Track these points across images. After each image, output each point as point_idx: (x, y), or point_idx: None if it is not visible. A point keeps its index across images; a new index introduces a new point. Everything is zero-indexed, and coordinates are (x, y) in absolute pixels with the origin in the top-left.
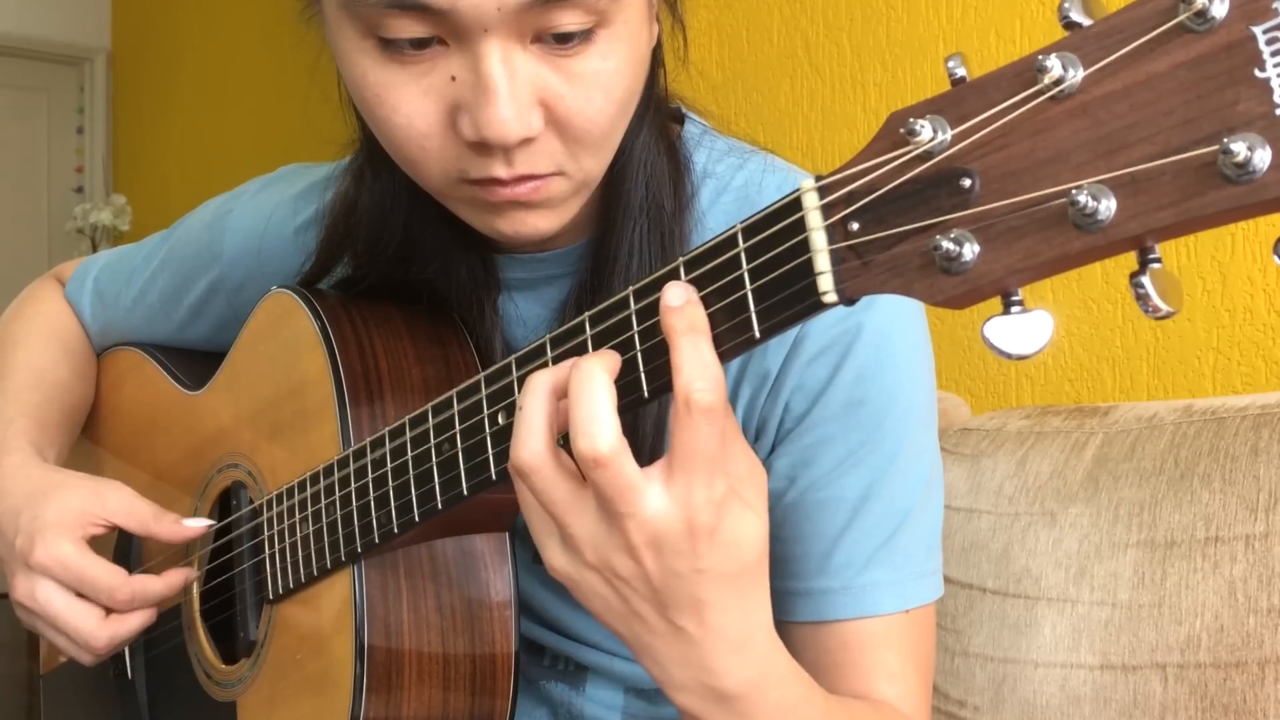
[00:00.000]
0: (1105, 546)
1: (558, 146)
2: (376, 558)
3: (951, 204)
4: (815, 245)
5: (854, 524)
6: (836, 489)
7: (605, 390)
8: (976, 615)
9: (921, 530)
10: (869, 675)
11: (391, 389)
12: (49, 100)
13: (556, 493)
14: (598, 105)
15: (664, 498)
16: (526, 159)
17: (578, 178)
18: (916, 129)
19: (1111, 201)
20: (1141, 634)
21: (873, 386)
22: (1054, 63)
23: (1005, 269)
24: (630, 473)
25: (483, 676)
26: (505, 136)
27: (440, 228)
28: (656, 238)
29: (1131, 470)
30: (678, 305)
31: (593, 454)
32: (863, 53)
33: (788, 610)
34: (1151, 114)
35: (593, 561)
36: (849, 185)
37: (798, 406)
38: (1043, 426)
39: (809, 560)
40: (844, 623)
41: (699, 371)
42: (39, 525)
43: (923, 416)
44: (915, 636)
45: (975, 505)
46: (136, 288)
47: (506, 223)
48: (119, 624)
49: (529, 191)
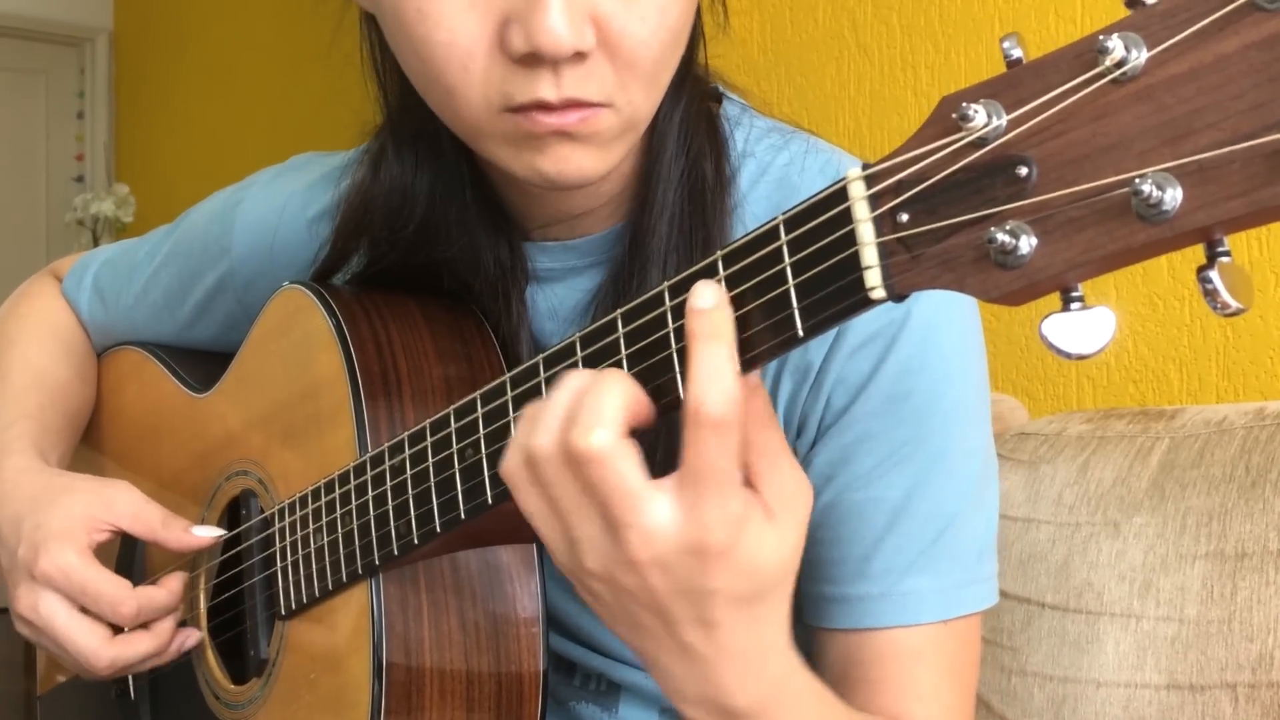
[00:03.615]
0: (1172, 558)
1: (608, 72)
2: (395, 571)
3: (1007, 194)
4: (862, 238)
5: (896, 527)
6: (878, 489)
7: (619, 393)
8: (1035, 632)
9: (970, 534)
10: (902, 694)
11: (411, 390)
12: (47, 84)
13: (568, 496)
14: (650, 28)
15: (671, 512)
16: (576, 81)
17: (626, 112)
18: (970, 114)
19: (1177, 191)
20: (1210, 652)
21: (918, 381)
22: (1116, 43)
23: (1064, 263)
24: (628, 477)
25: (509, 697)
26: (558, 45)
27: (465, 207)
28: (697, 219)
29: (1200, 477)
30: (704, 309)
31: (584, 448)
32: (913, 33)
33: (821, 616)
34: (1219, 98)
35: (595, 569)
36: (898, 174)
37: (838, 401)
38: (1105, 431)
39: (847, 564)
40: (879, 632)
41: (712, 383)
42: (43, 534)
43: (973, 412)
44: (954, 650)
45: (1033, 515)
46: (139, 284)
47: (548, 160)
48: (123, 647)
49: (576, 122)
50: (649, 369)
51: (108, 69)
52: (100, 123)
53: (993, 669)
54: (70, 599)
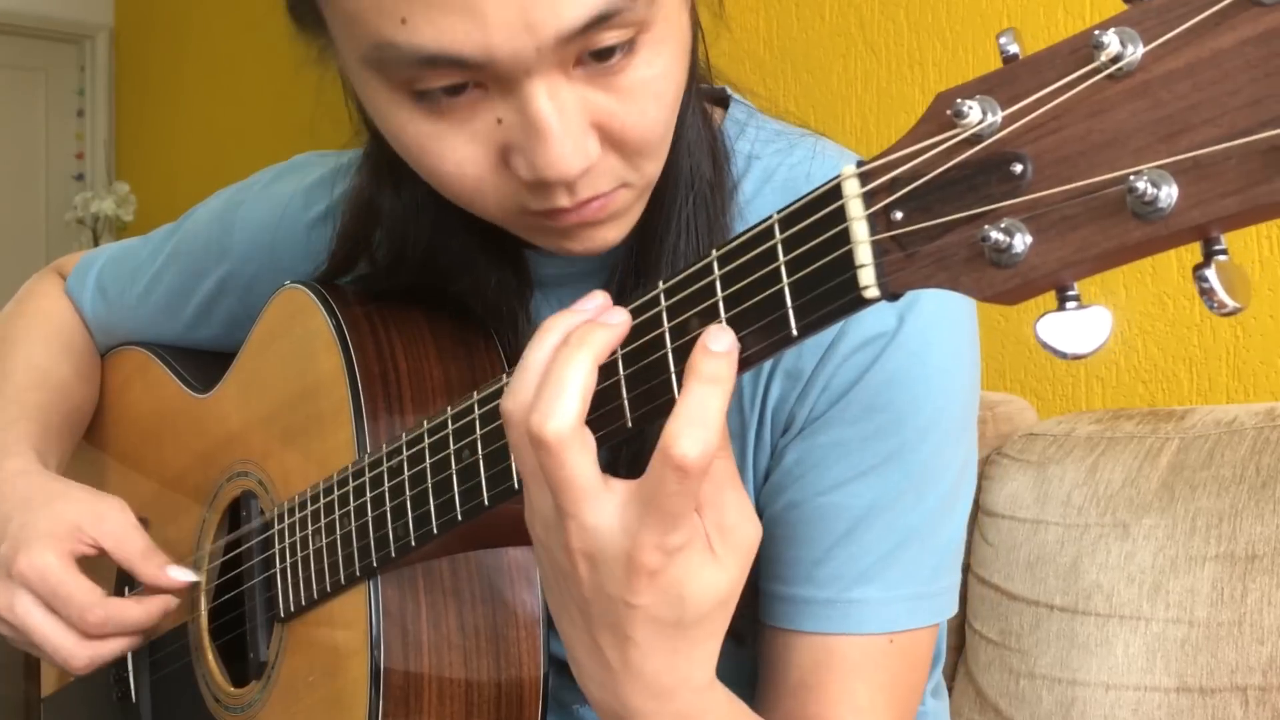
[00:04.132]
0: (1181, 560)
1: (617, 162)
2: (394, 573)
3: (1002, 191)
4: (856, 236)
5: (853, 535)
6: (841, 496)
7: (581, 370)
8: (1043, 634)
9: (930, 548)
10: (838, 704)
11: (411, 392)
12: (47, 81)
13: (524, 454)
14: (651, 115)
15: (612, 519)
16: (589, 183)
17: (640, 185)
18: (965, 110)
19: (1173, 188)
20: (1221, 654)
21: (899, 395)
22: (1111, 38)
23: (1059, 261)
24: (578, 470)
25: (509, 701)
26: (566, 174)
27: (468, 239)
28: (703, 223)
29: (1210, 478)
30: (716, 351)
31: (539, 434)
32: (921, 30)
33: (769, 613)
34: (1216, 94)
35: (541, 538)
36: (892, 171)
37: (820, 405)
38: (1114, 431)
39: (798, 566)
40: (821, 638)
41: (693, 428)
42: (27, 534)
43: (951, 430)
44: (894, 668)
45: (1042, 516)
46: (142, 284)
47: (575, 242)
48: (99, 645)
49: (596, 211)
50: (643, 369)
51: (108, 66)
52: (100, 120)
53: (1001, 672)
54: (43, 600)
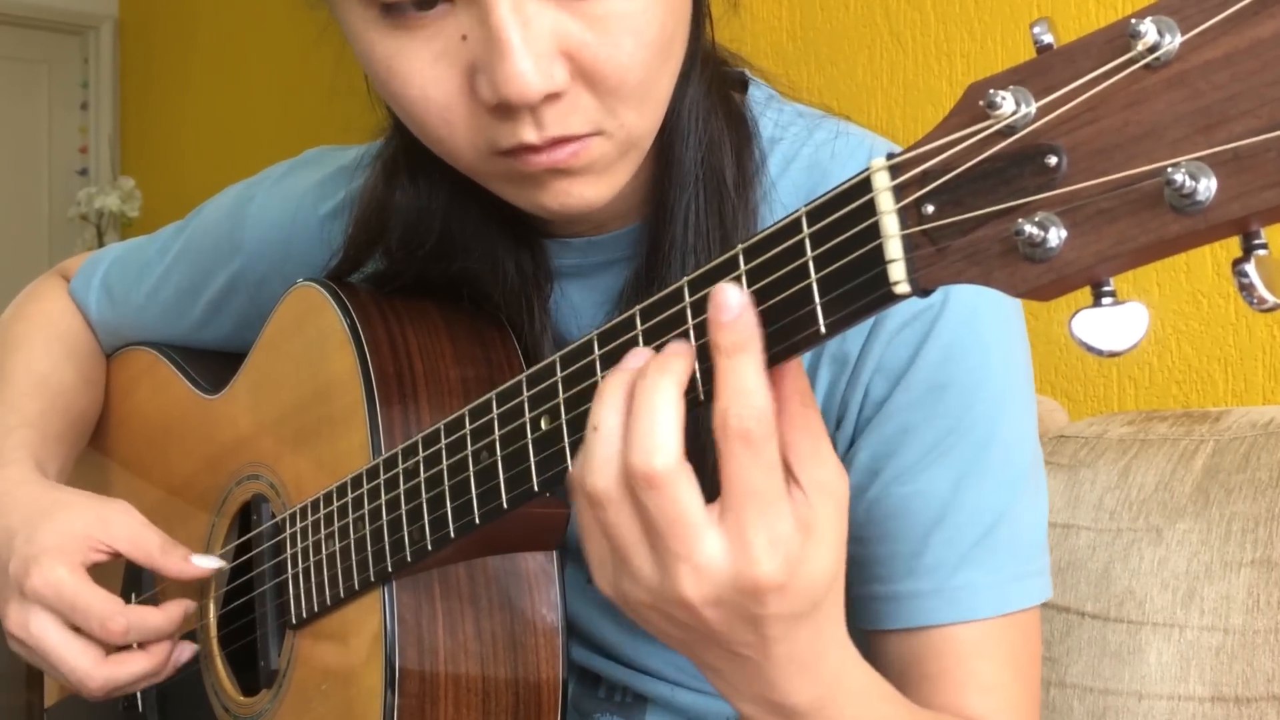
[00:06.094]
0: (1216, 566)
1: (591, 102)
2: (409, 578)
3: (1036, 184)
4: (886, 230)
5: (945, 520)
6: (924, 482)
7: (671, 402)
8: (1074, 642)
9: (1024, 525)
10: (962, 687)
11: (427, 392)
12: (50, 73)
13: (625, 527)
14: (627, 50)
15: (721, 545)
16: (557, 119)
17: (620, 136)
18: (997, 101)
19: (1211, 181)
20: (1257, 663)
21: (960, 367)
22: (1149, 27)
23: (1095, 256)
24: (688, 504)
25: (527, 709)
26: (525, 93)
27: (484, 221)
28: (715, 213)
29: (1246, 482)
30: (727, 321)
31: (646, 470)
32: (948, 20)
33: (873, 618)
34: (1255, 84)
35: (646, 601)
36: (923, 164)
37: (877, 390)
38: (1147, 433)
39: (896, 561)
40: (935, 629)
41: (736, 399)
42: (35, 550)
43: (1018, 400)
44: (1015, 642)
45: (1073, 520)
46: (149, 283)
47: (549, 195)
48: (117, 667)
49: (567, 157)
50: None
51: (113, 58)
52: (105, 114)
53: None
54: (61, 616)
